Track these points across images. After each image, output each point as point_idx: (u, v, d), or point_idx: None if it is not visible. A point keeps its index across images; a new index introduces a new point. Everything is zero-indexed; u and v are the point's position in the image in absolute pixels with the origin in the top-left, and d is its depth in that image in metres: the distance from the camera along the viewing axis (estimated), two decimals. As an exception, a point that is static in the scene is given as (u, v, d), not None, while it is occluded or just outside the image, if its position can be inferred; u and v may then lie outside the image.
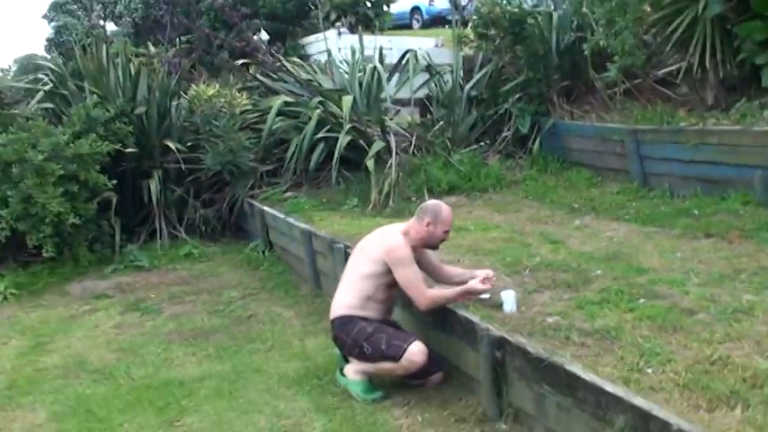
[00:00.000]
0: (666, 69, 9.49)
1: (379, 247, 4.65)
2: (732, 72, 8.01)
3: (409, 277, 4.54)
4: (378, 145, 9.02)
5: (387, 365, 4.48)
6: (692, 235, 6.04)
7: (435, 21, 22.28)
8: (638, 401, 3.03)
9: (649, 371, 3.42)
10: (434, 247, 4.84)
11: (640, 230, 6.47)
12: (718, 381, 3.21)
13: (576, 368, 3.42)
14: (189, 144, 9.26)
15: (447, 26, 20.23)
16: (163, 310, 6.95)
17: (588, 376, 3.33)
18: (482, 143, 10.07)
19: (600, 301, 4.44)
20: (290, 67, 10.36)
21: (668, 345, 3.68)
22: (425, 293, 4.54)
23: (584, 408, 3.32)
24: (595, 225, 6.92)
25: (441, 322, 4.63)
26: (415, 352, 4.39)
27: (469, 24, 12.02)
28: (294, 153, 9.32)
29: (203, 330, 6.28)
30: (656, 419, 2.90)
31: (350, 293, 4.67)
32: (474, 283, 4.57)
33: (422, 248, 4.76)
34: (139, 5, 16.30)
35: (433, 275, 4.90)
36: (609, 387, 3.19)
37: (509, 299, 4.50)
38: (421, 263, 4.78)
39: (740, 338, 3.67)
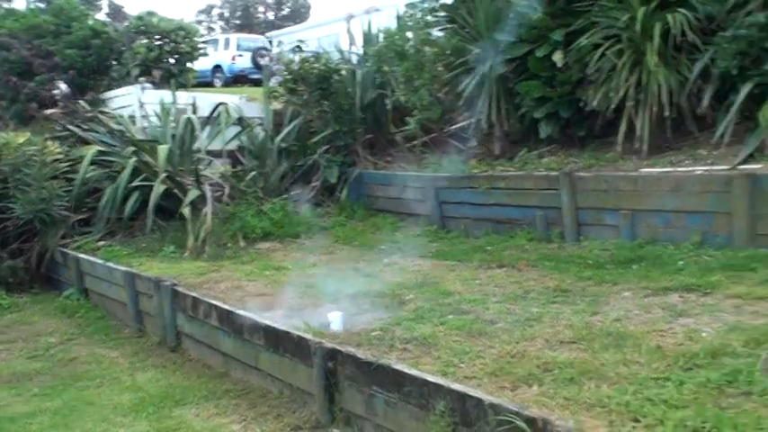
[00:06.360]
0: (458, 125, 10.52)
1: None
2: (515, 126, 9.09)
3: None
4: (193, 194, 9.24)
5: None
6: (487, 266, 6.86)
7: (237, 79, 22.66)
8: (456, 386, 3.59)
9: (462, 365, 4.01)
10: None
11: (443, 264, 7.23)
12: (518, 368, 3.85)
13: (401, 366, 3.95)
14: (-4, 192, 9.00)
15: (248, 84, 20.75)
16: (-24, 358, 6.76)
17: (412, 371, 3.86)
18: (293, 192, 10.57)
19: (415, 318, 5.05)
20: (102, 118, 10.35)
21: (476, 346, 4.31)
22: None
23: (409, 400, 3.84)
24: (403, 262, 7.60)
25: (273, 344, 5.01)
26: None
27: (272, 80, 12.56)
28: (108, 202, 9.32)
29: (25, 373, 6.19)
30: (471, 398, 3.46)
31: None
32: None
33: None
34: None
35: None
36: (430, 378, 3.74)
37: (336, 319, 5.00)
38: None
39: (533, 338, 4.38)
